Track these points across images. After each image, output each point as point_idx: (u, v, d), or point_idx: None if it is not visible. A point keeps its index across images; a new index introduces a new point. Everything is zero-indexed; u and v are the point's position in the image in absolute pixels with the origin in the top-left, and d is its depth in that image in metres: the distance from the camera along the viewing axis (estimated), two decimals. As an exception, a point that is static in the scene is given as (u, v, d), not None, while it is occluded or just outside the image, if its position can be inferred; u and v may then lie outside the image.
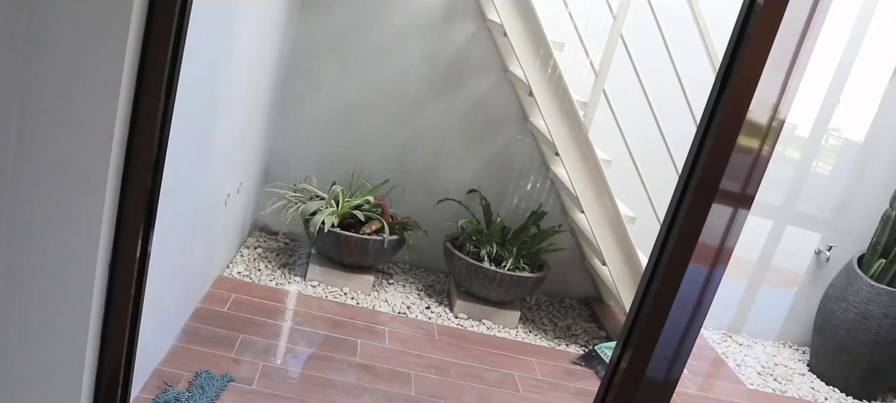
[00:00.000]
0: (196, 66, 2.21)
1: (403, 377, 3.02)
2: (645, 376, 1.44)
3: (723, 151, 1.23)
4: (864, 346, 4.12)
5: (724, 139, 1.22)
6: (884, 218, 4.21)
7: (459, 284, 3.86)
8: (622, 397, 1.46)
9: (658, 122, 3.55)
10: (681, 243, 1.30)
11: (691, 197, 1.26)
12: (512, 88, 4.00)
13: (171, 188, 2.26)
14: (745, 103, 1.19)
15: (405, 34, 3.88)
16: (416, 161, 4.09)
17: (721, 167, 1.24)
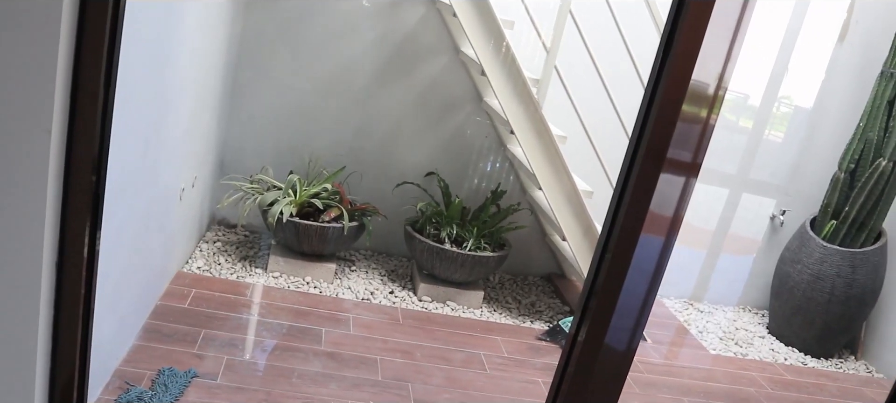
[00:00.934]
0: (140, 58, 2.17)
1: (369, 362, 3.02)
2: (603, 346, 1.45)
3: (668, 120, 1.24)
4: (820, 306, 4.22)
5: (669, 108, 1.23)
6: (833, 181, 4.31)
7: (422, 267, 3.86)
8: (582, 368, 1.48)
9: (610, 96, 3.58)
10: (632, 213, 1.32)
11: (640, 167, 1.27)
12: (465, 69, 4.00)
13: (122, 184, 2.23)
14: (688, 72, 1.20)
15: (355, 19, 3.85)
16: (372, 146, 4.07)
17: (668, 136, 1.25)
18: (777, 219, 4.78)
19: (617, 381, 1.53)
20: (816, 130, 4.62)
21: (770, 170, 4.76)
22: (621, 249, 1.34)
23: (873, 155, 4.10)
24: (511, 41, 3.38)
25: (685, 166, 1.30)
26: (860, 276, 4.15)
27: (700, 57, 1.23)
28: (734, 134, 4.74)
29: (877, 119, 4.08)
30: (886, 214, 4.20)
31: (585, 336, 1.43)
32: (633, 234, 1.33)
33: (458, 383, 3.03)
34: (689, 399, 3.40)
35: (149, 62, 2.31)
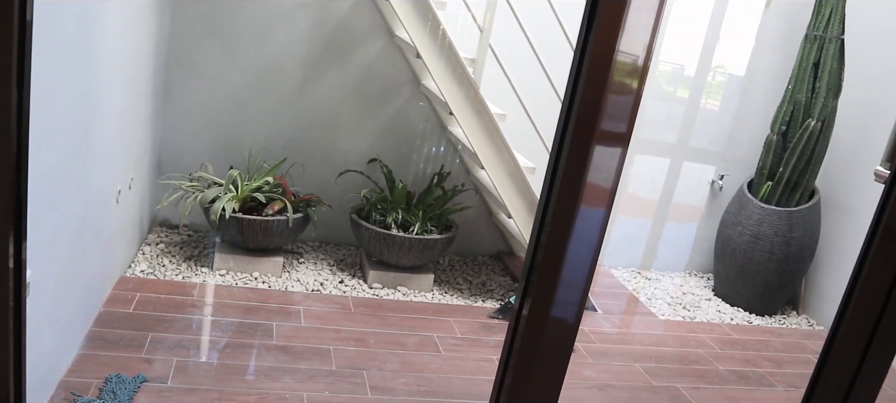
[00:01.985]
0: (60, 58, 2.11)
1: (323, 353, 3.00)
2: (548, 319, 1.47)
3: (596, 93, 1.26)
4: (761, 265, 4.35)
5: (596, 81, 1.25)
6: (766, 143, 4.42)
7: (370, 254, 3.85)
8: (529, 343, 1.50)
9: (546, 71, 3.61)
10: (567, 186, 1.33)
11: (571, 140, 1.28)
12: (401, 53, 3.99)
13: (52, 189, 2.17)
14: (612, 43, 1.22)
15: (286, 8, 3.79)
16: (312, 136, 4.03)
17: (597, 108, 1.27)
18: (716, 185, 4.89)
19: (563, 352, 1.55)
20: (749, 96, 4.74)
21: (708, 137, 4.87)
22: (559, 222, 1.36)
23: (802, 116, 4.23)
24: (444, 22, 3.38)
25: (616, 136, 1.32)
26: (797, 234, 4.28)
27: (624, 28, 1.24)
28: (672, 104, 4.83)
29: (804, 81, 4.20)
30: (818, 173, 4.33)
31: (529, 311, 1.45)
32: (569, 207, 1.35)
33: (414, 367, 3.04)
34: (641, 364, 3.47)
35: (70, 62, 2.25)
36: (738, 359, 3.80)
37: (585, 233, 1.40)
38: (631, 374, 3.37)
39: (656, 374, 3.42)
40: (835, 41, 4.09)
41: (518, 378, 1.51)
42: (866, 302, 1.73)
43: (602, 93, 1.26)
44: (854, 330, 1.77)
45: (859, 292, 1.72)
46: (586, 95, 1.24)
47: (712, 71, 4.72)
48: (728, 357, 3.79)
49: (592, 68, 1.23)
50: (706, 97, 4.79)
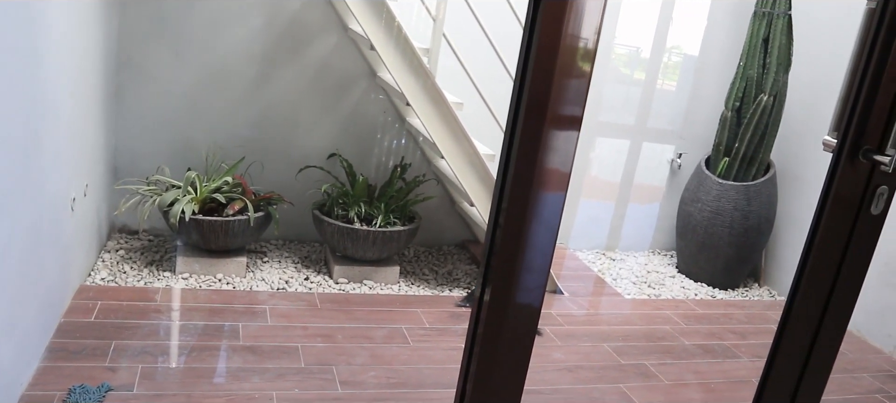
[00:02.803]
0: (4, 65, 2.07)
1: (291, 351, 2.99)
2: (510, 303, 1.48)
3: (546, 76, 1.27)
4: (722, 240, 4.42)
5: (545, 64, 1.26)
6: (722, 120, 4.50)
7: (335, 250, 3.84)
8: (492, 329, 1.50)
9: (501, 57, 3.62)
10: (521, 170, 1.34)
11: (523, 124, 1.29)
12: (355, 46, 3.97)
13: (2, 197, 2.12)
14: (559, 25, 1.23)
15: (237, 6, 3.75)
16: (271, 134, 4.00)
17: (547, 91, 1.28)
18: (675, 163, 4.96)
19: (527, 336, 1.56)
20: (703, 75, 4.81)
21: (666, 117, 4.93)
22: (515, 207, 1.37)
23: (755, 91, 4.30)
24: (397, 13, 3.37)
25: (568, 119, 1.33)
26: (755, 208, 4.35)
27: (571, 10, 1.25)
28: (630, 87, 4.88)
29: (754, 57, 4.27)
30: (773, 146, 4.42)
31: (491, 297, 1.45)
32: (525, 191, 1.35)
33: (383, 359, 3.04)
34: (609, 344, 3.51)
35: (13, 68, 2.19)
36: (704, 333, 3.86)
37: (543, 217, 1.41)
38: (599, 354, 3.41)
39: (624, 353, 3.46)
40: (782, 17, 4.16)
41: (483, 364, 1.52)
42: (820, 270, 1.78)
43: (551, 76, 1.27)
44: (809, 299, 1.82)
45: (813, 261, 1.76)
46: (536, 80, 1.25)
47: (668, 52, 4.78)
48: (693, 332, 3.86)
49: (541, 52, 1.23)
50: (662, 78, 4.85)
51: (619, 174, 4.99)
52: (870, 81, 1.57)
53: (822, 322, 1.86)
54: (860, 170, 1.65)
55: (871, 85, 1.57)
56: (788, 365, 1.90)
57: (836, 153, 1.63)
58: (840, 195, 1.67)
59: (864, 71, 1.58)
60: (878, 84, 1.57)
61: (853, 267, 1.79)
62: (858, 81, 1.58)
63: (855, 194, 1.67)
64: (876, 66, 1.57)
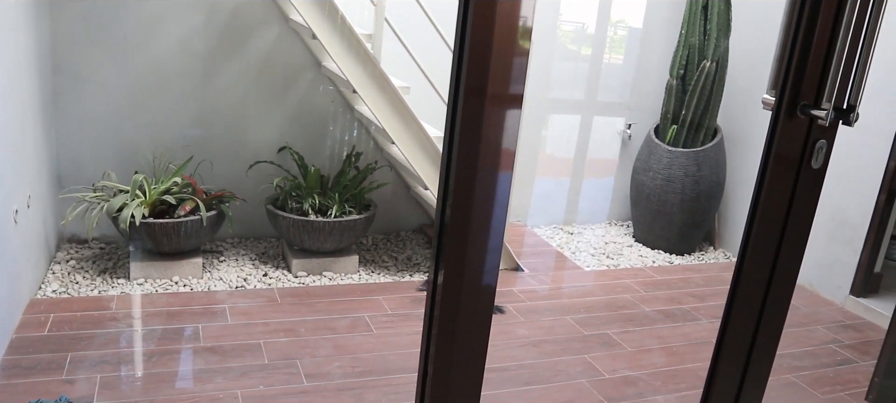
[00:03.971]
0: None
1: (253, 348, 2.96)
2: (464, 283, 1.48)
3: (482, 56, 1.26)
4: (675, 207, 4.49)
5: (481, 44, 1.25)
6: (667, 88, 4.56)
7: (291, 243, 3.81)
8: (448, 311, 1.50)
9: (444, 37, 3.62)
10: (465, 150, 1.34)
11: (464, 104, 1.29)
12: (298, 37, 3.92)
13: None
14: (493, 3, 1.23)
15: (173, 4, 3.67)
16: (218, 131, 3.94)
17: (484, 71, 1.28)
18: (625, 134, 5.02)
19: (485, 314, 1.56)
20: (648, 45, 4.87)
21: (615, 90, 4.99)
22: (462, 188, 1.37)
23: (698, 58, 4.37)
24: (337, 0, 3.34)
25: (508, 97, 1.33)
26: (705, 172, 4.43)
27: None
28: (578, 62, 4.92)
29: (695, 25, 4.34)
30: (718, 111, 4.49)
31: (444, 279, 1.45)
32: (470, 171, 1.35)
33: (347, 349, 3.03)
34: (572, 316, 3.55)
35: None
36: (663, 299, 3.93)
37: (491, 196, 1.41)
38: (562, 327, 3.45)
39: (587, 324, 3.50)
40: (721, -18, 4.23)
41: (442, 346, 1.52)
42: (766, 227, 1.81)
43: (488, 56, 1.27)
44: (758, 256, 1.85)
45: (759, 219, 1.79)
46: (474, 60, 1.25)
47: (613, 26, 4.83)
48: (653, 299, 3.92)
49: (476, 32, 1.23)
50: (609, 52, 4.90)
51: (572, 149, 5.03)
52: (802, 38, 1.60)
53: (772, 277, 1.90)
54: (799, 126, 1.68)
55: (804, 42, 1.60)
56: (743, 322, 1.94)
57: (774, 111, 1.66)
58: (781, 152, 1.70)
59: (797, 28, 1.61)
60: (810, 40, 1.60)
61: (798, 221, 1.82)
62: (791, 39, 1.61)
63: (795, 150, 1.71)
64: (807, 22, 1.60)
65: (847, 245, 4.02)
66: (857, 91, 1.63)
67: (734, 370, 2.00)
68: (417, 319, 3.37)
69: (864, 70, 1.61)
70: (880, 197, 3.85)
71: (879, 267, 4.05)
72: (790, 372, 3.24)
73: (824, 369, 3.32)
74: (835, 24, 1.61)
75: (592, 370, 3.07)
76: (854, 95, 1.64)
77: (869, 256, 3.96)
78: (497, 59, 1.25)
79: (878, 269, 4.05)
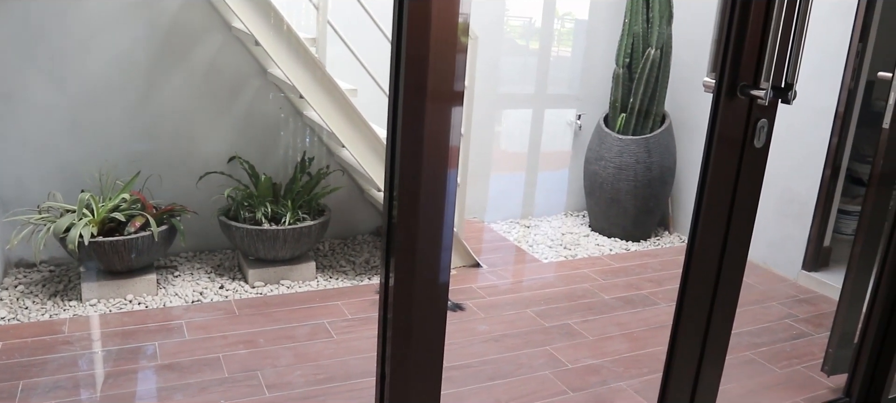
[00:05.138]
0: None
1: (212, 362, 2.92)
2: (415, 284, 1.47)
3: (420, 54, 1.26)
4: (628, 194, 4.54)
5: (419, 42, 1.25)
6: (614, 77, 4.61)
7: (247, 254, 3.76)
8: (401, 312, 1.49)
9: (389, 38, 3.60)
10: (408, 149, 1.33)
11: (404, 102, 1.28)
12: (241, 44, 3.87)
13: None
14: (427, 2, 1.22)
15: (109, 17, 3.59)
16: (166, 144, 3.87)
17: (423, 69, 1.27)
18: (575, 125, 5.06)
19: (439, 313, 1.56)
20: (594, 36, 4.92)
21: (565, 82, 5.03)
22: (407, 188, 1.36)
23: (642, 46, 4.42)
24: (278, 5, 3.30)
25: (448, 94, 1.33)
26: (656, 158, 4.49)
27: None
28: (527, 57, 4.95)
29: (638, 13, 4.39)
30: (665, 98, 4.56)
31: (396, 281, 1.44)
32: (415, 170, 1.35)
33: (308, 356, 3.00)
34: (532, 309, 3.57)
35: None
36: (622, 286, 3.97)
37: (437, 193, 1.41)
38: (523, 320, 3.46)
39: (548, 315, 3.52)
40: (660, -30, 4.29)
41: (398, 347, 1.52)
42: (714, 207, 1.84)
43: (426, 54, 1.26)
44: (708, 236, 1.88)
45: (707, 199, 1.82)
46: (411, 59, 1.24)
47: (559, 19, 4.87)
48: (612, 286, 3.96)
49: (412, 28, 1.22)
50: (558, 44, 4.94)
51: (526, 144, 5.06)
52: (738, 21, 1.63)
53: (723, 256, 1.93)
54: (740, 106, 1.71)
55: (740, 24, 1.63)
56: (697, 303, 1.96)
57: (715, 93, 1.69)
58: (724, 133, 1.73)
59: (732, 11, 1.64)
60: (746, 23, 1.63)
61: (745, 200, 1.86)
62: (728, 22, 1.64)
63: (737, 130, 1.74)
64: (742, 5, 1.63)
65: (797, 221, 4.11)
66: (793, 70, 1.66)
67: (692, 350, 2.03)
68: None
69: (798, 49, 1.65)
70: (825, 172, 3.94)
71: (828, 241, 4.14)
72: (749, 349, 3.30)
73: (781, 344, 3.39)
74: (769, 6, 1.64)
75: (555, 361, 3.08)
76: (791, 74, 1.67)
77: (818, 231, 4.05)
78: (435, 56, 1.25)
79: (827, 243, 4.14)
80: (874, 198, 2.59)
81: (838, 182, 3.99)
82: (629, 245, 4.64)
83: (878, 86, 3.87)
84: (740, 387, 2.97)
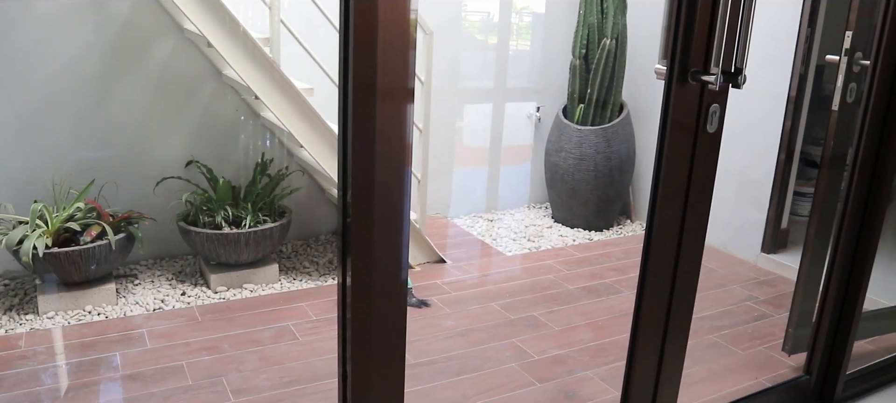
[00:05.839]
0: None
1: (176, 370, 2.87)
2: (373, 282, 1.46)
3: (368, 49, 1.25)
4: (589, 184, 4.57)
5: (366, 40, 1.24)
6: (571, 69, 4.64)
7: (208, 259, 3.71)
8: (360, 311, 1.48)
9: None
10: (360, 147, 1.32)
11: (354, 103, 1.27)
12: (194, 46, 3.81)
13: None
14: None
15: (59, 19, 3.51)
16: (121, 151, 3.79)
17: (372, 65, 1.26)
18: (534, 117, 5.09)
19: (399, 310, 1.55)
20: (552, 29, 4.95)
21: (524, 76, 5.05)
22: (361, 186, 1.35)
23: (598, 37, 4.46)
24: (229, 5, 3.26)
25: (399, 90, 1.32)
26: (615, 148, 4.52)
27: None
28: (486, 52, 4.96)
29: (593, 4, 4.42)
30: (622, 87, 4.59)
31: (353, 280, 1.43)
32: (368, 168, 1.33)
33: (273, 359, 2.97)
34: (498, 302, 3.57)
35: None
36: (586, 275, 4.00)
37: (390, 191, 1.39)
38: (489, 314, 3.46)
39: (513, 308, 3.53)
40: (612, -39, 4.33)
41: (358, 346, 1.50)
42: (670, 193, 1.85)
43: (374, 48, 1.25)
44: (666, 222, 1.89)
45: (663, 186, 1.83)
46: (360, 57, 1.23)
47: (517, 13, 4.88)
48: (576, 276, 3.98)
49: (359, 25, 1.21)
50: (517, 39, 4.96)
51: (488, 138, 5.07)
52: (687, 7, 1.64)
53: (681, 241, 1.94)
54: (691, 92, 1.72)
55: (689, 10, 1.64)
56: (658, 288, 1.98)
57: (667, 80, 1.70)
58: (677, 119, 1.74)
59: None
60: (694, 9, 1.64)
61: (700, 184, 1.87)
62: (677, 9, 1.65)
63: (690, 116, 1.75)
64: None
65: (754, 205, 4.17)
66: (742, 54, 1.68)
67: (654, 336, 2.05)
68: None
69: (746, 34, 1.67)
70: (780, 156, 4.00)
71: (786, 223, 4.22)
72: (712, 333, 3.34)
73: (743, 326, 3.44)
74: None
75: (521, 353, 3.09)
76: (740, 59, 1.69)
77: (775, 213, 4.12)
78: (384, 52, 1.24)
79: (784, 225, 4.22)
80: (826, 179, 2.63)
81: (793, 165, 4.06)
82: (592, 235, 4.68)
83: (828, 70, 3.95)
84: (705, 370, 3.01)
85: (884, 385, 2.88)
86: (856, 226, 2.48)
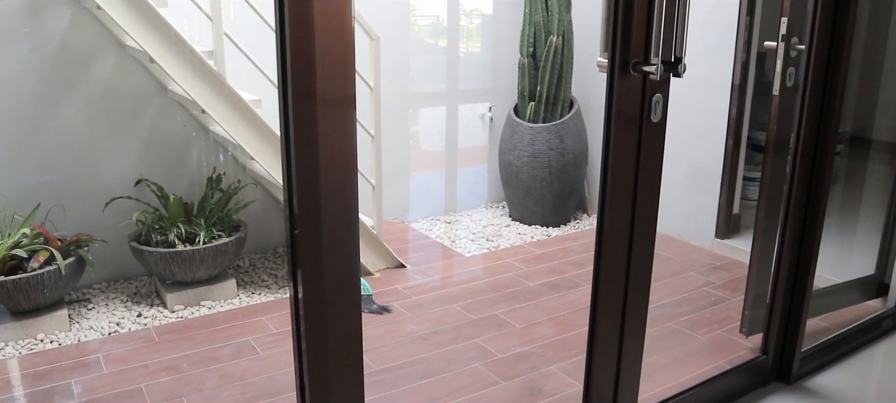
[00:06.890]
0: None
1: (134, 394, 2.82)
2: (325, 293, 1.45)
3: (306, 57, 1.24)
4: (544, 181, 4.60)
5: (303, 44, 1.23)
6: (520, 67, 4.67)
7: (163, 278, 3.65)
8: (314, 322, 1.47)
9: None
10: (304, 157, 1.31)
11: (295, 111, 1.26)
12: (137, 62, 3.74)
13: None
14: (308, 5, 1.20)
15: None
16: (67, 173, 3.70)
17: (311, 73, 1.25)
18: (486, 117, 5.11)
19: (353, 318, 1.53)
20: (500, 29, 4.98)
21: (476, 77, 5.07)
22: (306, 196, 1.34)
23: (544, 34, 4.49)
24: (170, 19, 3.21)
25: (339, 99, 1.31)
26: (568, 144, 4.56)
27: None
28: (437, 55, 4.96)
29: (537, 2, 4.47)
30: (571, 83, 4.64)
31: (304, 292, 1.42)
32: (311, 178, 1.32)
33: (234, 376, 2.93)
34: (459, 303, 3.57)
35: None
36: (546, 271, 4.02)
37: (337, 199, 1.38)
38: (451, 316, 3.46)
39: (474, 308, 3.53)
40: (552, -41, 4.37)
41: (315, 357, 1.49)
42: (619, 184, 1.87)
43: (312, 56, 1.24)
44: (616, 213, 1.91)
45: (611, 177, 1.85)
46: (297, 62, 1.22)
47: (466, 15, 4.90)
48: (536, 273, 4.00)
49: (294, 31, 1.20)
50: (467, 41, 4.97)
51: (443, 141, 5.07)
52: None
53: (633, 231, 1.97)
54: (633, 83, 1.74)
55: (627, 2, 1.66)
56: (612, 279, 2.00)
57: (609, 72, 1.72)
58: (621, 110, 1.76)
59: (619, -11, 1.67)
60: (632, 1, 1.66)
61: (648, 174, 1.90)
62: (615, 1, 1.67)
63: (634, 107, 1.77)
64: (627, -18, 1.66)
65: (706, 192, 4.24)
66: (681, 44, 1.71)
67: (612, 326, 2.07)
68: (304, 333, 3.30)
69: (683, 24, 1.69)
70: (728, 142, 4.08)
71: (737, 209, 4.30)
72: (672, 320, 3.38)
73: (702, 311, 3.49)
74: (653, -17, 1.68)
75: (485, 352, 3.10)
76: (679, 48, 1.71)
77: (726, 200, 4.19)
78: (322, 59, 1.23)
79: (736, 210, 4.29)
80: (772, 163, 2.69)
81: (741, 151, 4.14)
82: (550, 231, 4.71)
83: (769, 56, 4.04)
84: (666, 357, 3.05)
85: (838, 360, 2.95)
86: (802, 208, 2.54)
